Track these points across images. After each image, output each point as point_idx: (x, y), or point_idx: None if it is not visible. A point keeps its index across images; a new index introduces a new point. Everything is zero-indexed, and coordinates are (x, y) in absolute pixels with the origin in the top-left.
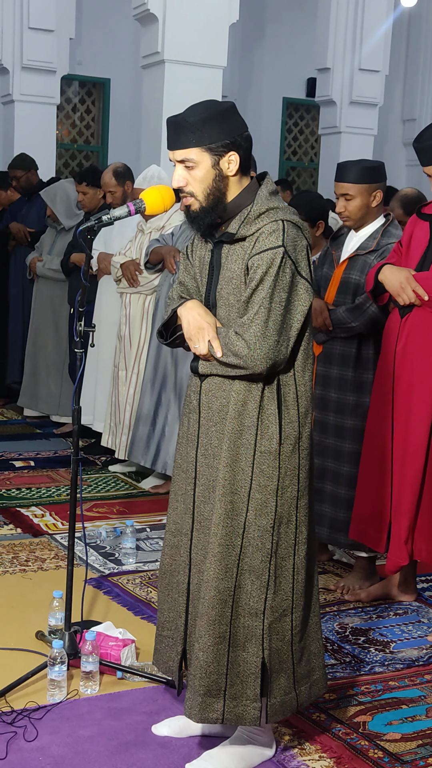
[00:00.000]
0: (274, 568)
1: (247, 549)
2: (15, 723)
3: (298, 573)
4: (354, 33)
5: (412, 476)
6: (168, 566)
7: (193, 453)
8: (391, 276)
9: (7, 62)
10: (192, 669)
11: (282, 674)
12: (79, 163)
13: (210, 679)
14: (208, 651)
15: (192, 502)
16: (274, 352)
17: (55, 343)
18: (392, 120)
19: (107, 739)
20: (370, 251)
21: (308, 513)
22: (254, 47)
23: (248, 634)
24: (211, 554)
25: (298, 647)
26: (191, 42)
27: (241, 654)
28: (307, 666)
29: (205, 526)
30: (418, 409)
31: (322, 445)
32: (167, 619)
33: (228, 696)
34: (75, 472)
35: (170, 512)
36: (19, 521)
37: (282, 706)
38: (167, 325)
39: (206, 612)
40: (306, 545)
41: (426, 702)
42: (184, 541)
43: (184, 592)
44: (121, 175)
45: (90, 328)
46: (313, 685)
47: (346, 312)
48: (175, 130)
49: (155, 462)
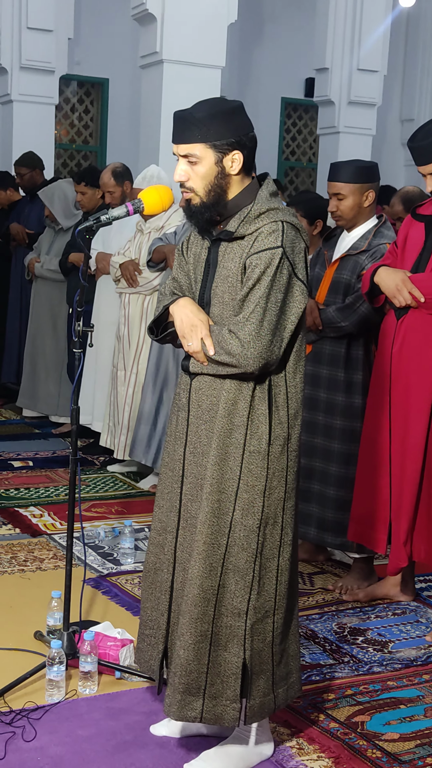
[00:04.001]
0: (259, 568)
1: (232, 548)
2: (13, 723)
3: (281, 574)
4: (352, 33)
5: (411, 477)
6: (152, 564)
7: (180, 451)
8: (386, 278)
9: (6, 62)
10: (173, 667)
11: (262, 675)
12: (77, 163)
13: (190, 678)
14: (189, 649)
15: (178, 500)
16: (267, 352)
17: (53, 343)
18: (390, 120)
19: (106, 739)
20: (361, 251)
21: (294, 515)
22: (253, 47)
23: (230, 634)
24: (196, 552)
25: (278, 649)
26: (190, 42)
27: (223, 654)
28: (286, 668)
29: (191, 524)
30: (415, 410)
31: (310, 444)
32: (149, 618)
33: (207, 695)
34: (73, 472)
35: (156, 510)
36: (17, 521)
37: (261, 707)
38: (158, 321)
39: (189, 610)
40: (291, 547)
41: (424, 702)
42: (169, 539)
43: (167, 591)
44: (119, 175)
45: (88, 328)
46: (290, 688)
47: (336, 311)
48: (181, 125)
49: (156, 461)
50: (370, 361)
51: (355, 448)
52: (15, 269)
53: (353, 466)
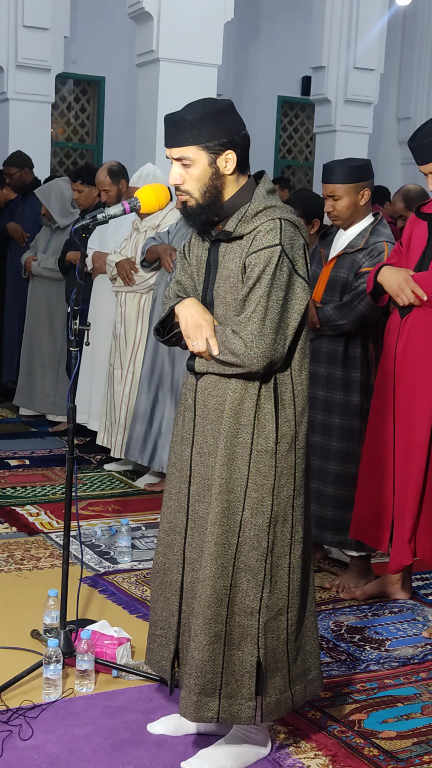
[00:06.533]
0: (270, 566)
1: (243, 548)
2: (10, 722)
3: (293, 572)
4: (349, 31)
5: (415, 475)
6: (161, 565)
7: (188, 451)
8: (390, 277)
9: (2, 60)
10: (187, 668)
11: (277, 673)
12: (73, 161)
13: (205, 678)
14: (203, 650)
15: (186, 501)
16: (271, 350)
17: (50, 342)
18: (387, 118)
19: (103, 737)
20: (358, 249)
21: (304, 512)
22: (249, 46)
23: (244, 633)
24: (207, 553)
25: (294, 646)
26: (186, 40)
27: (237, 653)
28: (303, 665)
29: (200, 524)
30: (419, 408)
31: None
32: (160, 618)
33: (223, 695)
34: (70, 471)
35: (164, 511)
36: (14, 520)
37: (277, 705)
38: (164, 322)
39: (202, 611)
40: (302, 544)
41: (421, 700)
42: (177, 540)
43: (177, 591)
44: (115, 173)
45: (85, 326)
46: (309, 684)
47: (333, 310)
48: (172, 128)
49: (152, 460)
50: (368, 359)
51: (353, 446)
52: (11, 268)
53: (351, 464)
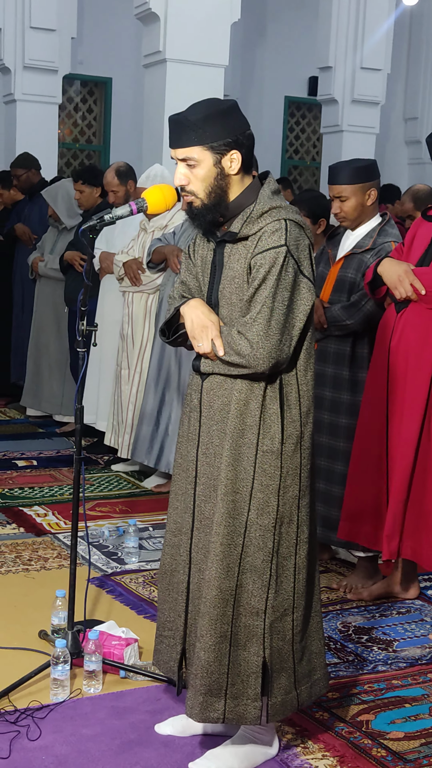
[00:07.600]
0: (276, 567)
1: (248, 548)
2: (18, 722)
3: (299, 572)
4: (355, 31)
5: (401, 473)
6: (168, 566)
7: (193, 452)
8: (390, 268)
9: (9, 62)
10: (193, 668)
11: (283, 673)
12: (81, 162)
13: (211, 679)
14: (209, 650)
15: (192, 502)
16: (276, 351)
17: (57, 342)
18: (394, 118)
19: (110, 738)
20: (366, 250)
21: (309, 513)
22: (256, 46)
23: (249, 634)
24: (213, 553)
25: (299, 647)
26: (193, 41)
27: (242, 653)
28: (308, 665)
29: (206, 525)
30: (410, 404)
31: (315, 443)
32: (167, 619)
33: (229, 695)
34: (78, 472)
35: (170, 511)
36: (21, 520)
37: (283, 705)
38: (169, 323)
39: (208, 611)
40: (307, 545)
41: (429, 700)
42: (184, 541)
43: (183, 592)
44: (123, 174)
45: (92, 327)
46: (314, 685)
47: (341, 310)
48: (176, 129)
49: (158, 461)
50: None
51: None
52: (17, 269)
53: None
